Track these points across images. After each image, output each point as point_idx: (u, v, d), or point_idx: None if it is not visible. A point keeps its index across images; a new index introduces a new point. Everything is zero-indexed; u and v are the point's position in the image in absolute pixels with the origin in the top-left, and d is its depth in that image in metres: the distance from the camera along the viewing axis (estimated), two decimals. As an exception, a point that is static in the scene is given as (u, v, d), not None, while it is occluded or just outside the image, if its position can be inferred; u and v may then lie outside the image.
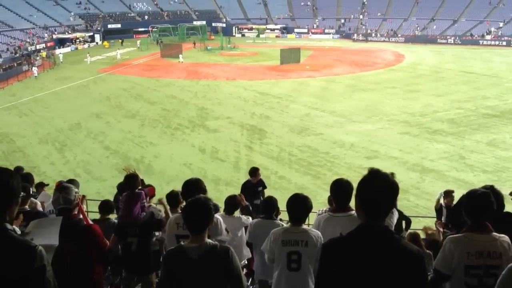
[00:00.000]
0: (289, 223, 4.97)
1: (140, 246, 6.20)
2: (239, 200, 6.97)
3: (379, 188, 2.71)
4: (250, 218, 6.84)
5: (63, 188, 4.89)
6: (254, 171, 11.02)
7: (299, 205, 4.77)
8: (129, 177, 6.49)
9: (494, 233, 3.70)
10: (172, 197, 6.94)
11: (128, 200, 6.30)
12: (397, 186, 2.77)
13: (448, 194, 9.68)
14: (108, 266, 7.22)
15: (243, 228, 6.60)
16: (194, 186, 4.96)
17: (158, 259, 6.41)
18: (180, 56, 55.39)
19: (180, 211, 6.98)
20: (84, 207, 7.94)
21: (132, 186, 6.38)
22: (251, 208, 8.22)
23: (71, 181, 6.25)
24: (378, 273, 2.60)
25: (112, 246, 5.92)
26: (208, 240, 3.47)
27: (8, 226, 2.65)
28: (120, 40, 71.33)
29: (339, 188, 5.02)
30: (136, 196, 6.26)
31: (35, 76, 46.48)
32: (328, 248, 2.86)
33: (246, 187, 10.75)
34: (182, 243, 3.57)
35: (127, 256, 6.35)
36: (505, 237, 3.69)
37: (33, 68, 48.27)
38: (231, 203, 6.83)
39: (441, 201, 9.88)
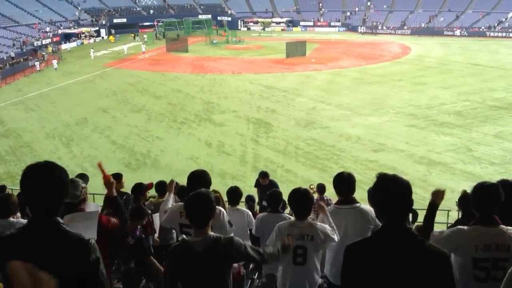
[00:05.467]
0: (293, 218, 4.97)
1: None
2: (240, 192, 6.98)
3: (397, 191, 2.74)
4: (250, 213, 6.86)
5: (70, 182, 4.88)
6: (262, 176, 11.39)
7: (301, 199, 4.76)
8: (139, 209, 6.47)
9: (502, 226, 3.68)
10: (159, 185, 7.26)
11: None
12: (410, 186, 2.79)
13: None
14: (115, 260, 7.25)
15: (247, 222, 6.60)
16: (199, 179, 4.94)
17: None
18: (125, 47, 56.54)
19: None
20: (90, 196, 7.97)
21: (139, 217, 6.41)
22: (258, 205, 8.26)
23: (81, 176, 6.15)
24: (403, 272, 2.61)
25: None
26: (212, 233, 3.49)
27: (60, 220, 2.64)
28: (133, 34, 71.27)
29: (342, 181, 5.07)
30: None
31: (55, 68, 47.52)
32: (351, 250, 2.87)
33: (258, 185, 11.48)
34: (185, 237, 3.59)
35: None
36: None
37: (53, 61, 49.31)
38: (234, 195, 6.82)
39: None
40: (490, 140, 23.47)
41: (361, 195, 5.56)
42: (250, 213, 6.82)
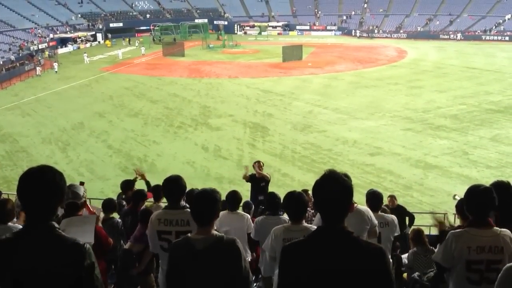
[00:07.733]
0: (289, 221, 4.95)
1: None
2: (240, 196, 6.94)
3: (334, 190, 2.70)
4: (249, 216, 6.82)
5: (71, 185, 4.95)
6: (253, 166, 11.76)
7: (296, 202, 4.73)
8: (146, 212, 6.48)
9: (496, 228, 3.69)
10: (154, 190, 7.24)
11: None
12: (351, 186, 2.75)
13: None
14: (112, 265, 7.24)
15: (246, 226, 6.56)
16: (174, 184, 4.84)
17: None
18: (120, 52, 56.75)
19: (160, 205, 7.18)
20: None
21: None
22: (253, 207, 8.23)
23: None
24: (341, 272, 2.58)
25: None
26: (215, 232, 3.47)
27: (55, 224, 2.64)
28: (127, 39, 71.48)
29: None
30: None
31: (56, 71, 48.33)
32: (287, 251, 2.84)
33: (251, 178, 11.81)
34: (188, 235, 3.57)
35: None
36: (507, 231, 3.69)
37: (54, 63, 50.16)
38: (233, 199, 6.78)
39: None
40: (486, 144, 23.54)
41: (358, 198, 5.57)
42: (249, 217, 6.79)
